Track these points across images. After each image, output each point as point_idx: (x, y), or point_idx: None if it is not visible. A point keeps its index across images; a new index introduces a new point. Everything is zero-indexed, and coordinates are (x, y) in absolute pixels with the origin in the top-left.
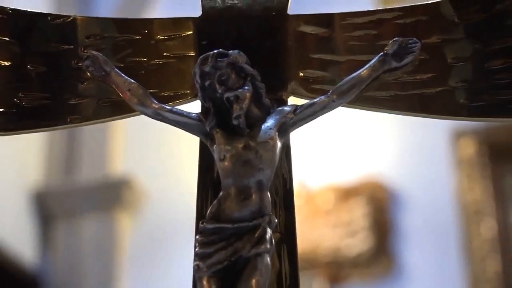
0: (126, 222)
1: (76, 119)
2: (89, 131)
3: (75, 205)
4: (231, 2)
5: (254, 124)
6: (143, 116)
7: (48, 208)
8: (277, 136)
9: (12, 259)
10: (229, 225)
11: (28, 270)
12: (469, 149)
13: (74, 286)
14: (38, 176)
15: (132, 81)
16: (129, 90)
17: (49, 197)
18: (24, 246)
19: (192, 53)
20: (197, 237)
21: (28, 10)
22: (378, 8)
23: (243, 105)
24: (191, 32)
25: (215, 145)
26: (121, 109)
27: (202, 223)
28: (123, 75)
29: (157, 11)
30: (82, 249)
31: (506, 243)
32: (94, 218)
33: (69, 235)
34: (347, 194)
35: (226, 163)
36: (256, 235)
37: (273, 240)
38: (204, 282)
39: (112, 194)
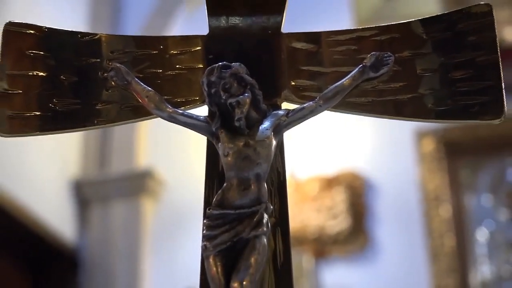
0: (149, 207)
1: (102, 121)
2: (118, 130)
3: (107, 192)
4: (233, 22)
5: (253, 125)
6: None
7: (85, 195)
8: (272, 135)
9: (56, 237)
10: (232, 211)
11: (68, 245)
12: (429, 147)
13: (106, 259)
14: (76, 168)
15: (150, 89)
16: (147, 96)
17: (86, 186)
18: (65, 226)
19: (201, 66)
20: (205, 221)
21: (62, 28)
22: (358, 27)
23: (244, 109)
24: (199, 48)
25: (220, 143)
26: (140, 113)
27: (209, 209)
28: (142, 84)
29: (174, 29)
30: (112, 229)
31: (459, 223)
32: (123, 203)
33: (102, 217)
34: (329, 183)
35: (229, 159)
36: (255, 219)
37: (269, 224)
38: (211, 260)
39: (137, 183)
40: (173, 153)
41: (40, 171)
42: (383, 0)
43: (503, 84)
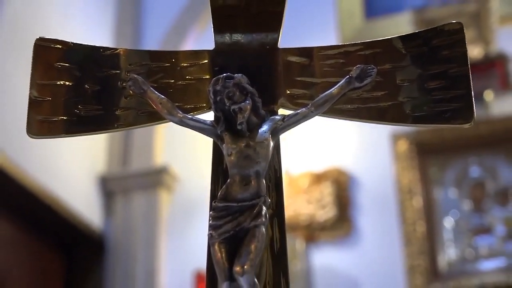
0: (165, 199)
1: (121, 125)
2: (138, 132)
3: (129, 185)
4: (236, 38)
5: (253, 128)
6: None
7: (110, 188)
8: (270, 137)
9: (85, 224)
10: (235, 204)
11: (95, 231)
12: (403, 147)
13: (128, 243)
14: (103, 165)
15: (163, 97)
16: (160, 103)
17: (110, 180)
18: (93, 215)
19: (207, 76)
20: (211, 212)
21: (85, 43)
22: (345, 43)
23: (245, 115)
24: (206, 61)
25: (224, 144)
26: (155, 118)
27: (214, 202)
28: (156, 92)
29: (187, 45)
30: (133, 217)
31: (429, 212)
32: (142, 195)
33: (125, 207)
34: (318, 178)
35: (232, 158)
36: (255, 211)
37: (267, 215)
38: (216, 247)
39: (155, 178)
40: (185, 152)
41: (72, 168)
42: (364, 22)
43: (473, 93)
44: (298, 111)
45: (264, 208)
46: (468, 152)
